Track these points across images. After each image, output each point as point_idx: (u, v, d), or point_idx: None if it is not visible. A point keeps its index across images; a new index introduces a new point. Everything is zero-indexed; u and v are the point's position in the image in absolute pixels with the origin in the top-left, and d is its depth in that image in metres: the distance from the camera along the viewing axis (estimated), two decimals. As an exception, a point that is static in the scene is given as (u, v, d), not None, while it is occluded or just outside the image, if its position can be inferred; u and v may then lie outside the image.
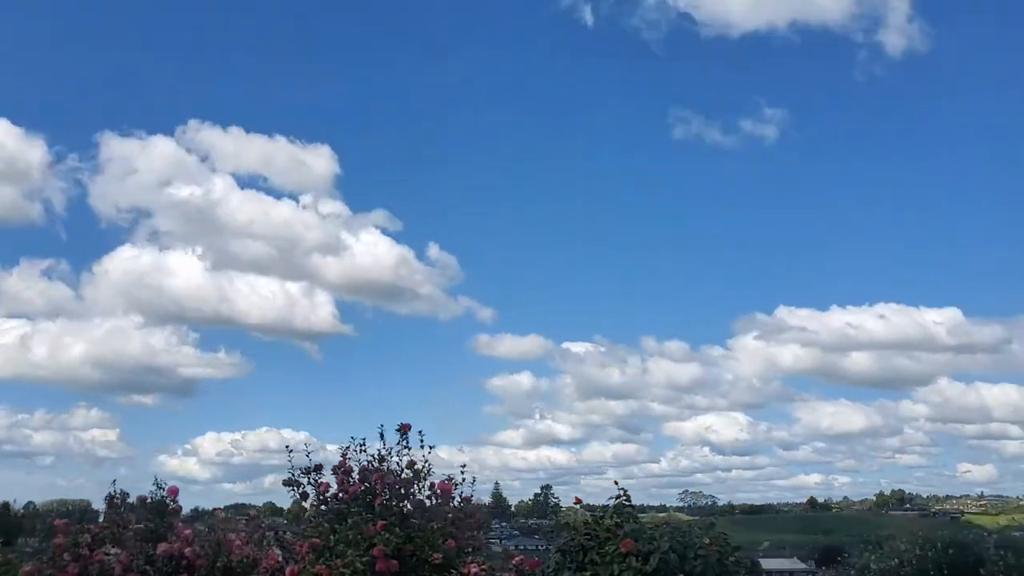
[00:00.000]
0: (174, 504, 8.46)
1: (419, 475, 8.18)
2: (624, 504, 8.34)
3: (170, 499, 8.42)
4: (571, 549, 8.13)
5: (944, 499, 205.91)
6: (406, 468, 8.18)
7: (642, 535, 7.80)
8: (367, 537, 7.61)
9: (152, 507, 8.29)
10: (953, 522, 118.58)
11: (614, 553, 7.65)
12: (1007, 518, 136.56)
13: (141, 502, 8.38)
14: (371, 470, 8.13)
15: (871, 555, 24.63)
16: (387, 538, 7.55)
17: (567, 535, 8.41)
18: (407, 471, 8.17)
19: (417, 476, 8.17)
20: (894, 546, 23.77)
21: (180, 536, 8.06)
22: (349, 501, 8.07)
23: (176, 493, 8.45)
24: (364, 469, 8.14)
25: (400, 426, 8.24)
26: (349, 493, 8.08)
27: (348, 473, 8.17)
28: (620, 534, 7.82)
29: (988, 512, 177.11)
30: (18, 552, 32.20)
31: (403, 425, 8.25)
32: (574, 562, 8.00)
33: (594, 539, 8.01)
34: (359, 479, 8.10)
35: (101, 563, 7.83)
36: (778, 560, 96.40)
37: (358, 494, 8.04)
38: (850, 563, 31.37)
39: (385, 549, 7.45)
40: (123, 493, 8.46)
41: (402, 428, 8.24)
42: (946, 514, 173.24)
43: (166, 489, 8.42)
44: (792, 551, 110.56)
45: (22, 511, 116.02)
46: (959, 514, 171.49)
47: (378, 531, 7.62)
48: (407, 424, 8.24)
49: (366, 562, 7.42)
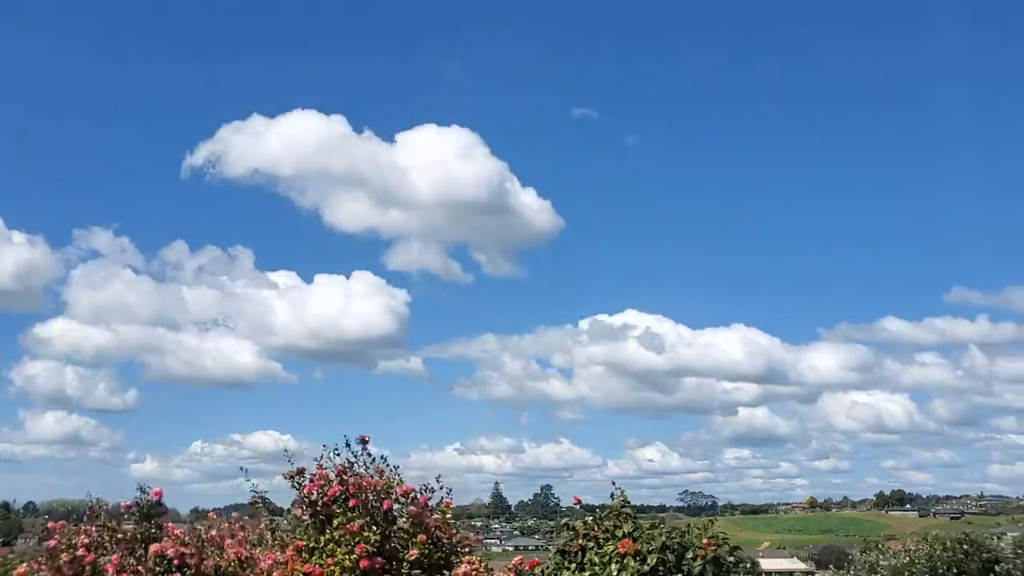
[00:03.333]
0: (160, 507, 8.45)
1: (389, 483, 8.55)
2: (623, 505, 8.33)
3: (155, 502, 8.41)
4: (570, 549, 8.11)
5: (944, 499, 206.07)
6: (375, 474, 8.59)
7: (640, 535, 7.78)
8: (352, 536, 7.89)
9: (139, 511, 8.27)
10: (953, 523, 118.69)
11: (613, 553, 7.63)
12: (1007, 518, 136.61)
13: (126, 508, 8.35)
14: (346, 471, 8.49)
15: (879, 554, 24.47)
16: (367, 536, 7.87)
17: (567, 535, 8.39)
18: (376, 476, 8.57)
19: (388, 484, 8.54)
20: (905, 544, 23.56)
21: (171, 536, 8.05)
22: (329, 503, 8.33)
23: (160, 496, 8.46)
24: (340, 472, 8.48)
25: (359, 438, 8.65)
26: (328, 496, 8.34)
27: (325, 479, 8.48)
28: (619, 535, 7.80)
29: (988, 512, 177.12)
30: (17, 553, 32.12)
31: (361, 437, 8.66)
32: (573, 562, 7.98)
33: (593, 539, 7.99)
34: (337, 481, 8.41)
35: (94, 564, 7.83)
36: (778, 560, 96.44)
37: (336, 496, 8.32)
38: (852, 562, 31.27)
39: (367, 547, 7.77)
40: (100, 501, 8.44)
41: (361, 440, 8.64)
42: (946, 514, 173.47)
43: (150, 493, 8.41)
44: (792, 551, 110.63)
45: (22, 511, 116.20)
46: (959, 514, 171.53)
47: (356, 531, 7.91)
48: (366, 436, 8.68)
49: (354, 559, 7.70)
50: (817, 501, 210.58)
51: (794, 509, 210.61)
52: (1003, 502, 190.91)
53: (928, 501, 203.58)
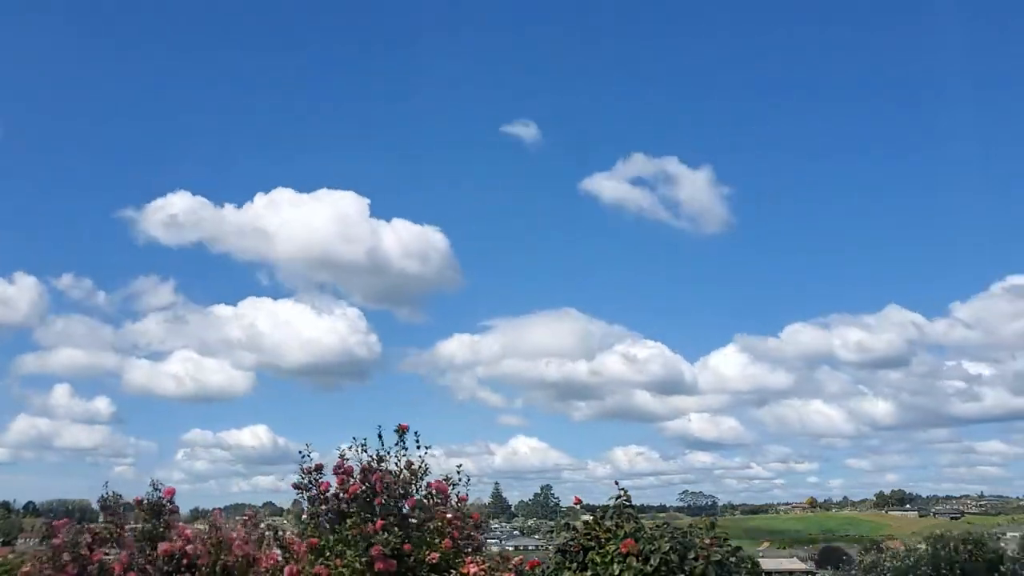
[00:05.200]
0: (171, 505, 8.45)
1: (416, 475, 8.22)
2: (625, 504, 8.32)
3: (166, 500, 8.42)
4: (571, 549, 8.10)
5: (944, 499, 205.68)
6: (404, 468, 8.22)
7: (642, 536, 7.78)
8: (366, 537, 7.63)
9: (149, 508, 8.28)
10: (953, 523, 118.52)
11: (615, 553, 7.63)
12: (1007, 518, 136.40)
13: (137, 504, 8.37)
14: (371, 470, 8.14)
15: (881, 554, 24.44)
16: (386, 538, 7.59)
17: (567, 535, 8.38)
18: (405, 471, 8.21)
19: (415, 476, 8.20)
20: (908, 544, 23.52)
21: (181, 535, 8.04)
22: (349, 501, 8.07)
23: (172, 494, 8.45)
24: (365, 469, 8.15)
25: (398, 427, 8.27)
26: (349, 493, 8.09)
27: (348, 473, 8.17)
28: (620, 534, 7.80)
29: (988, 512, 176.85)
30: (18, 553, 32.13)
31: (401, 426, 8.28)
32: (575, 562, 7.98)
33: (594, 539, 7.98)
34: (360, 479, 8.12)
35: (100, 563, 7.83)
36: (778, 560, 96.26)
37: (358, 494, 8.05)
38: (851, 562, 31.25)
39: (384, 549, 7.48)
40: (116, 495, 8.46)
41: (400, 429, 8.26)
42: (946, 514, 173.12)
43: (162, 490, 8.41)
44: (792, 551, 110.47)
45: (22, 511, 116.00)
46: (959, 514, 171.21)
47: (377, 530, 7.64)
48: (405, 425, 8.30)
49: (365, 562, 7.44)
50: (817, 501, 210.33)
51: (794, 509, 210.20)
52: (1003, 502, 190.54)
53: (928, 501, 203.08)
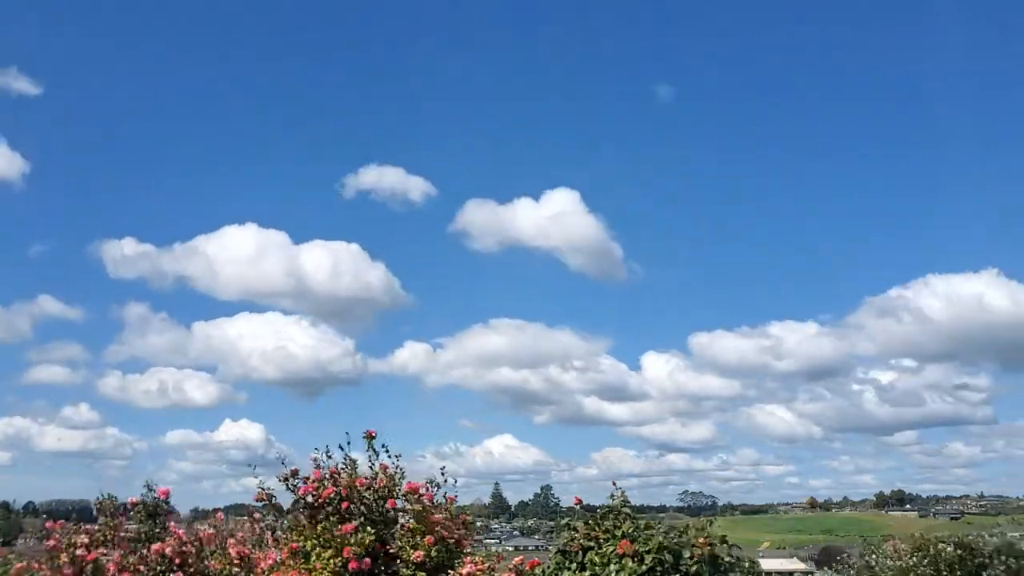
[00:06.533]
0: (166, 506, 8.44)
1: (393, 479, 8.46)
2: (623, 504, 8.32)
3: (162, 501, 8.40)
4: (571, 549, 8.10)
5: (944, 499, 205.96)
6: (380, 472, 8.48)
7: (638, 536, 7.78)
8: (338, 538, 7.83)
9: (145, 509, 8.26)
10: (953, 523, 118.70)
11: (611, 554, 7.63)
12: (1007, 518, 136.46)
13: (133, 506, 8.35)
14: (338, 474, 8.41)
15: (879, 555, 24.38)
16: (359, 539, 7.79)
17: (567, 535, 8.38)
18: (381, 475, 8.46)
19: (391, 480, 8.44)
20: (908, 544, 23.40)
21: (174, 536, 8.04)
22: (321, 505, 8.29)
23: (167, 495, 8.44)
24: (332, 473, 8.41)
25: (366, 433, 8.57)
26: (321, 497, 8.29)
27: (319, 480, 8.40)
28: (618, 535, 7.79)
29: (988, 512, 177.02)
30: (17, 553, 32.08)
31: (368, 432, 8.57)
32: (574, 562, 7.97)
33: (595, 540, 7.98)
34: (331, 483, 8.34)
35: (95, 563, 7.81)
36: (778, 560, 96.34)
37: (329, 498, 8.26)
38: (850, 563, 31.24)
39: (355, 550, 7.67)
40: (111, 496, 8.44)
41: (367, 435, 8.55)
42: (946, 514, 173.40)
43: (157, 491, 8.40)
44: (792, 551, 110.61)
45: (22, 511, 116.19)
46: (959, 514, 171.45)
47: (350, 532, 7.85)
48: (372, 431, 8.59)
49: (340, 563, 7.63)
50: (817, 501, 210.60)
51: (794, 509, 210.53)
52: (1003, 502, 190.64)
53: (928, 501, 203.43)
